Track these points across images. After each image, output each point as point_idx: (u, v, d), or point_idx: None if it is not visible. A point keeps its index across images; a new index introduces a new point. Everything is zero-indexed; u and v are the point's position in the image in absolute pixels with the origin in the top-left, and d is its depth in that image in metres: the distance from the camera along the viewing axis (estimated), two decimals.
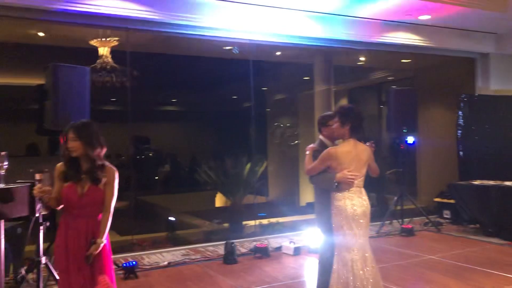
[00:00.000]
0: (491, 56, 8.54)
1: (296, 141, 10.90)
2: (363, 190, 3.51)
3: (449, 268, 5.12)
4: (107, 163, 2.90)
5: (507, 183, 6.60)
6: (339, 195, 3.43)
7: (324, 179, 3.50)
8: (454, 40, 7.96)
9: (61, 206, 2.86)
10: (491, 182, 6.79)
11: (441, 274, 4.89)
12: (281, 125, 11.29)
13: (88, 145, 2.80)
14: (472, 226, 7.08)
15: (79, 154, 2.81)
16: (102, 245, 2.83)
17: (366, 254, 3.42)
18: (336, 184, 3.40)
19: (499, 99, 8.22)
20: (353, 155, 3.43)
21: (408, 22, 7.41)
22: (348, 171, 3.37)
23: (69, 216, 2.84)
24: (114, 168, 2.93)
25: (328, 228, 3.54)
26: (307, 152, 3.65)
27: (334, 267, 3.42)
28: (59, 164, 2.89)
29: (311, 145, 3.71)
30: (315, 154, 3.58)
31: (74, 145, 2.79)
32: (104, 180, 2.84)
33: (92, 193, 2.81)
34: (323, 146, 3.70)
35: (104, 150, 2.91)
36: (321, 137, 3.82)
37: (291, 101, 11.31)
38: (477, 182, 6.93)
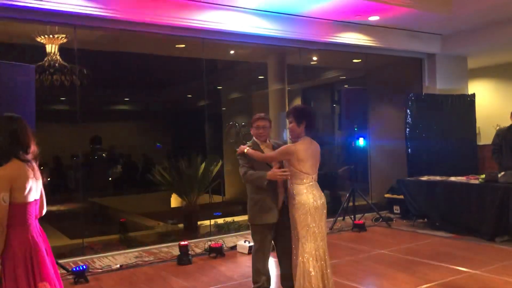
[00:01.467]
0: (437, 57, 8.89)
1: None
2: (317, 185, 3.73)
3: (399, 261, 5.28)
4: None
5: (452, 178, 6.89)
6: (299, 189, 3.64)
7: (257, 177, 3.74)
8: (402, 40, 8.22)
9: None
10: (438, 178, 7.07)
11: (391, 267, 5.04)
12: (236, 124, 11.29)
13: None
14: (420, 220, 7.34)
15: None
16: None
17: (325, 247, 3.64)
18: (266, 181, 3.65)
19: (444, 98, 8.57)
20: (310, 152, 3.67)
21: (358, 22, 7.59)
22: (276, 168, 3.68)
23: None
24: None
25: (257, 222, 3.84)
26: (246, 149, 3.83)
27: (299, 259, 3.59)
28: None
29: (243, 146, 3.93)
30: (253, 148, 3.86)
31: None
32: None
33: None
34: (255, 145, 3.95)
35: None
36: (254, 138, 4.04)
37: (246, 100, 11.33)
38: (424, 178, 7.19)
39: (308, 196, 3.61)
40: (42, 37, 6.69)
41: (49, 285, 2.64)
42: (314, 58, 9.14)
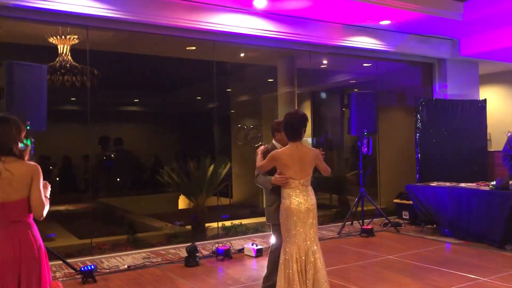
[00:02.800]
0: (448, 62, 8.83)
1: (260, 143, 10.93)
2: (309, 188, 3.79)
3: (407, 267, 5.25)
4: None
5: (462, 184, 6.83)
6: (285, 193, 3.74)
7: (264, 181, 3.92)
8: (413, 45, 8.20)
9: None
10: (447, 184, 7.02)
11: (398, 273, 5.00)
12: (245, 127, 11.29)
13: None
14: (429, 226, 7.29)
15: None
16: None
17: (311, 251, 3.64)
18: (272, 186, 3.81)
19: (455, 104, 8.52)
20: (295, 157, 3.72)
21: (369, 26, 7.57)
22: (278, 175, 3.74)
23: None
24: None
25: (275, 222, 3.89)
26: (259, 153, 4.00)
27: (280, 261, 3.69)
28: None
29: (262, 147, 4.08)
30: (265, 154, 3.92)
31: None
32: None
33: None
34: (273, 148, 4.05)
35: None
36: (274, 141, 4.16)
37: (255, 103, 11.33)
38: (434, 184, 7.14)
39: (292, 200, 3.68)
40: (54, 37, 6.75)
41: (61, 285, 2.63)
42: (324, 62, 9.13)
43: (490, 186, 6.37)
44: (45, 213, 2.63)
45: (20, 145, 2.65)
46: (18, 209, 2.56)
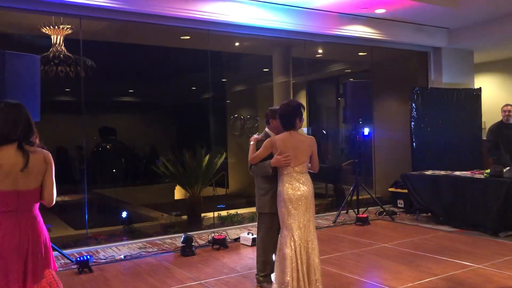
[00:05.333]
0: (443, 50, 8.83)
1: (257, 133, 10.91)
2: (304, 176, 3.80)
3: (402, 255, 5.28)
4: None
5: (457, 173, 6.87)
6: (280, 180, 3.80)
7: (261, 166, 3.89)
8: (408, 34, 8.18)
9: None
10: (442, 172, 7.05)
11: (393, 261, 5.04)
12: (242, 117, 11.27)
13: None
14: (424, 214, 7.34)
15: None
16: None
17: (305, 238, 3.70)
18: (272, 168, 3.81)
19: (450, 92, 8.53)
20: (289, 143, 3.78)
21: (364, 15, 7.54)
22: (279, 154, 3.73)
23: None
24: None
25: (266, 210, 4.00)
26: (252, 142, 4.02)
27: (278, 246, 3.76)
28: None
29: (255, 136, 4.09)
30: (259, 144, 3.95)
31: None
32: None
33: None
34: (267, 137, 4.04)
35: None
36: (267, 129, 4.16)
37: (251, 93, 11.31)
38: (428, 172, 7.18)
39: (286, 186, 3.75)
40: (48, 27, 6.69)
41: (54, 273, 2.64)
42: (320, 51, 9.11)
43: (485, 174, 6.41)
44: (55, 200, 2.69)
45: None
46: (32, 198, 2.59)
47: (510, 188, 5.88)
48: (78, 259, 4.90)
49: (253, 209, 7.88)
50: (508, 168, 6.17)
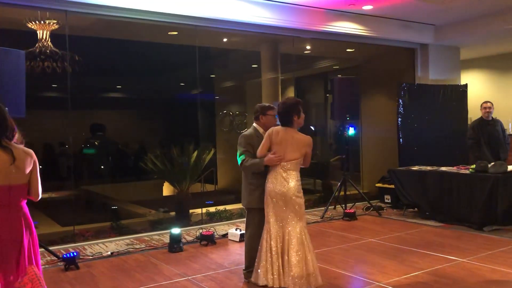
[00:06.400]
0: (430, 47, 8.90)
1: (246, 129, 10.91)
2: (291, 174, 3.87)
3: (388, 250, 5.34)
4: None
5: (443, 168, 6.95)
6: (269, 173, 3.91)
7: (254, 164, 3.96)
8: (395, 30, 8.23)
9: None
10: (428, 168, 7.13)
11: (380, 255, 5.09)
12: (230, 113, 11.25)
13: None
14: (410, 209, 7.41)
15: None
16: None
17: (286, 235, 3.79)
18: (264, 167, 3.92)
19: (436, 88, 8.61)
20: (282, 138, 3.91)
21: (352, 11, 7.57)
22: (273, 153, 3.85)
23: None
24: None
25: (256, 206, 4.06)
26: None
27: (261, 240, 3.90)
28: None
29: (246, 133, 4.18)
30: (248, 139, 4.07)
31: None
32: None
33: None
34: (256, 132, 4.15)
35: None
36: (255, 124, 4.22)
37: (240, 89, 11.30)
38: (415, 168, 7.25)
39: (270, 180, 3.88)
40: (33, 22, 6.61)
41: (37, 269, 2.64)
42: (308, 47, 9.13)
43: (470, 170, 6.48)
44: (41, 195, 2.81)
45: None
46: (22, 193, 2.69)
47: (494, 183, 5.96)
48: (65, 255, 4.87)
49: (241, 205, 7.94)
50: (493, 163, 6.26)
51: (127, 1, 5.81)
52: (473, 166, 6.46)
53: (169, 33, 7.43)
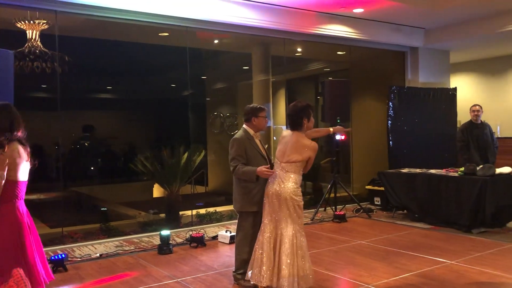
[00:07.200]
0: (420, 50, 8.96)
1: (236, 131, 10.89)
2: (289, 175, 3.85)
3: (377, 252, 5.36)
4: None
5: (432, 171, 6.99)
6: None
7: (247, 172, 3.93)
8: (386, 33, 8.28)
9: None
10: (418, 170, 7.17)
11: (369, 257, 5.11)
12: (221, 114, 11.25)
13: None
14: (400, 212, 7.45)
15: None
16: None
17: (278, 237, 3.80)
18: (257, 176, 3.89)
19: (426, 91, 8.67)
20: (286, 140, 3.93)
21: (343, 14, 7.60)
22: (265, 167, 3.84)
23: None
24: None
25: (248, 209, 4.08)
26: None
27: (256, 241, 3.92)
28: None
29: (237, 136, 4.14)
30: (238, 143, 4.04)
31: None
32: None
33: None
34: (247, 134, 4.12)
35: None
36: (245, 126, 4.19)
37: (231, 91, 11.29)
38: (405, 170, 7.28)
39: (270, 180, 3.91)
40: (22, 22, 6.56)
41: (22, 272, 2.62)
42: (299, 50, 9.15)
43: (459, 172, 6.53)
44: None
45: None
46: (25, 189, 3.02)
47: (482, 186, 6.01)
48: (52, 257, 4.82)
49: (232, 207, 7.93)
50: (481, 166, 6.31)
51: (117, 1, 5.79)
52: (462, 168, 6.51)
53: (160, 34, 7.42)
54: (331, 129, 4.66)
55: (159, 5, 6.08)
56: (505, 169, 6.34)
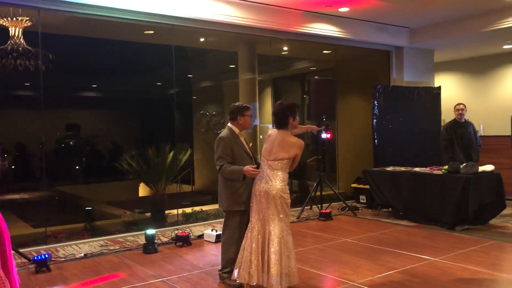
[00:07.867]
0: (404, 50, 9.04)
1: (223, 130, 10.86)
2: (277, 173, 3.86)
3: (362, 249, 5.39)
4: None
5: (416, 169, 7.06)
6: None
7: (233, 171, 3.93)
8: (371, 33, 8.33)
9: None
10: (402, 169, 7.23)
11: (354, 255, 5.14)
12: (207, 113, 11.21)
13: None
14: (385, 210, 7.51)
15: None
16: None
17: (266, 235, 3.80)
18: (243, 176, 3.90)
19: (411, 90, 8.75)
20: (272, 139, 3.95)
21: (329, 13, 7.63)
22: (252, 167, 3.86)
23: None
24: None
25: (235, 208, 4.07)
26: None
27: (244, 239, 3.92)
28: None
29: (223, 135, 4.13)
30: (223, 142, 4.04)
31: None
32: None
33: None
34: (232, 133, 4.12)
35: None
36: (230, 124, 4.18)
37: (217, 89, 11.27)
38: (389, 169, 7.35)
39: (258, 177, 3.91)
40: (5, 19, 6.46)
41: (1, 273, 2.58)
42: (285, 48, 9.16)
43: (443, 170, 6.60)
44: None
45: None
46: None
47: (466, 184, 6.09)
48: (35, 258, 4.77)
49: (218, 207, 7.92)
50: (465, 164, 6.39)
51: None
52: (446, 167, 6.58)
53: (145, 32, 7.36)
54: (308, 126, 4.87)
55: (144, 3, 6.04)
56: (488, 167, 6.43)
